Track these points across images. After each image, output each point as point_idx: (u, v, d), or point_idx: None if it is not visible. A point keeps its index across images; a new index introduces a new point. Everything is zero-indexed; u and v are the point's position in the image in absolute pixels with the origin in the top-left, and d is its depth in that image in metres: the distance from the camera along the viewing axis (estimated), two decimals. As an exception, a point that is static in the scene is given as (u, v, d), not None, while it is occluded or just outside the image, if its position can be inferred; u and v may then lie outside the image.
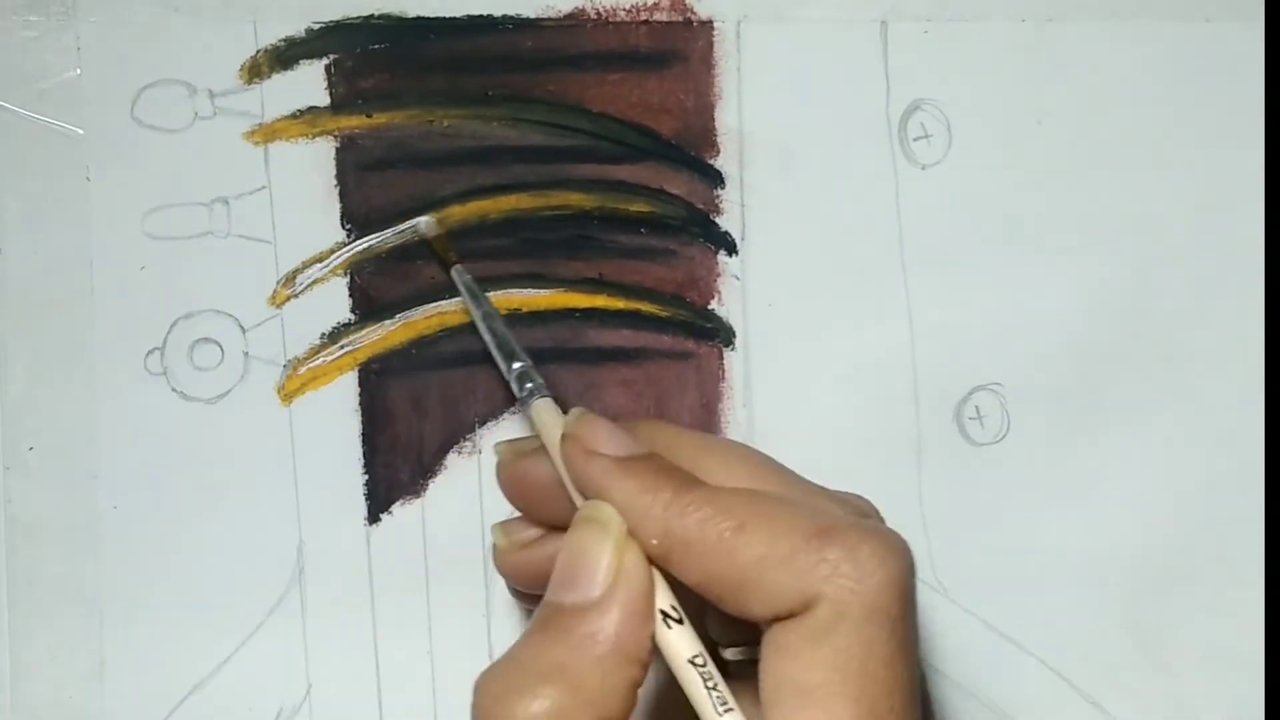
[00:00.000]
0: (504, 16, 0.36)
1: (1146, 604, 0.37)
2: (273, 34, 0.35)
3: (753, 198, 0.36)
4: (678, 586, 0.27)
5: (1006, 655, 0.37)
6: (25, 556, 0.35)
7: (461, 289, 0.34)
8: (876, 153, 0.37)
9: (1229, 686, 0.38)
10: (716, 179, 0.36)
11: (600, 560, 0.26)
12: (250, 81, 0.35)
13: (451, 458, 0.36)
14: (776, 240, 0.36)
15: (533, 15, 0.36)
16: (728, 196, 0.36)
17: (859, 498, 0.30)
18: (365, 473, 0.35)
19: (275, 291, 0.35)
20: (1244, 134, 0.37)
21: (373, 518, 0.36)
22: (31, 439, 0.35)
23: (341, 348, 0.36)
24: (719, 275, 0.36)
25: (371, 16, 0.35)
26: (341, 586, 0.35)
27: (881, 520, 0.30)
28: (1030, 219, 0.37)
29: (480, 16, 0.36)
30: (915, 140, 0.37)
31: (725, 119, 0.36)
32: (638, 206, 0.36)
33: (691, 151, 0.36)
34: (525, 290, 0.36)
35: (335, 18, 0.35)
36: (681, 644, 0.26)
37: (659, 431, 0.29)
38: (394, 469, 0.36)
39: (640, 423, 0.30)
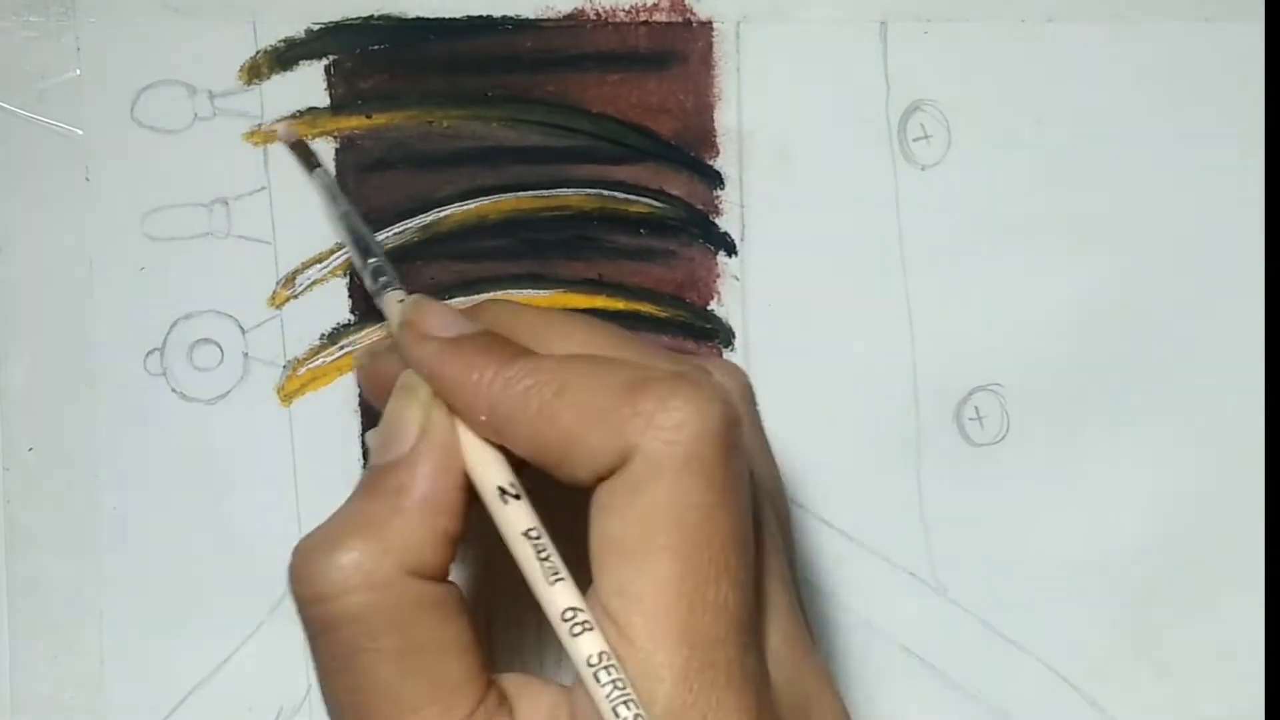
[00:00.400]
0: (504, 17, 0.36)
1: (1145, 605, 0.37)
2: (272, 35, 0.35)
3: (752, 198, 0.36)
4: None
5: (1005, 655, 0.37)
6: (25, 557, 0.35)
7: (320, 191, 0.33)
8: (876, 153, 0.37)
9: (1227, 687, 0.38)
10: (716, 180, 0.36)
11: (406, 418, 0.26)
12: (250, 82, 0.35)
13: (451, 458, 0.36)
14: (776, 241, 0.36)
15: (532, 16, 0.36)
16: (727, 197, 0.36)
17: (724, 361, 0.30)
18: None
19: (275, 292, 0.35)
20: (1243, 135, 0.37)
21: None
22: (31, 440, 0.35)
23: (341, 348, 0.36)
24: (718, 276, 0.36)
25: (371, 17, 0.35)
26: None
27: (744, 383, 0.29)
28: (1030, 220, 0.37)
29: (480, 17, 0.36)
30: (915, 141, 0.37)
31: (725, 119, 0.36)
32: (637, 207, 0.36)
33: (691, 152, 0.36)
34: (525, 291, 0.36)
35: (335, 18, 0.35)
36: (517, 518, 0.25)
37: (500, 310, 0.29)
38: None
39: (484, 303, 0.30)
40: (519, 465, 0.26)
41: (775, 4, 0.36)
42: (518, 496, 0.26)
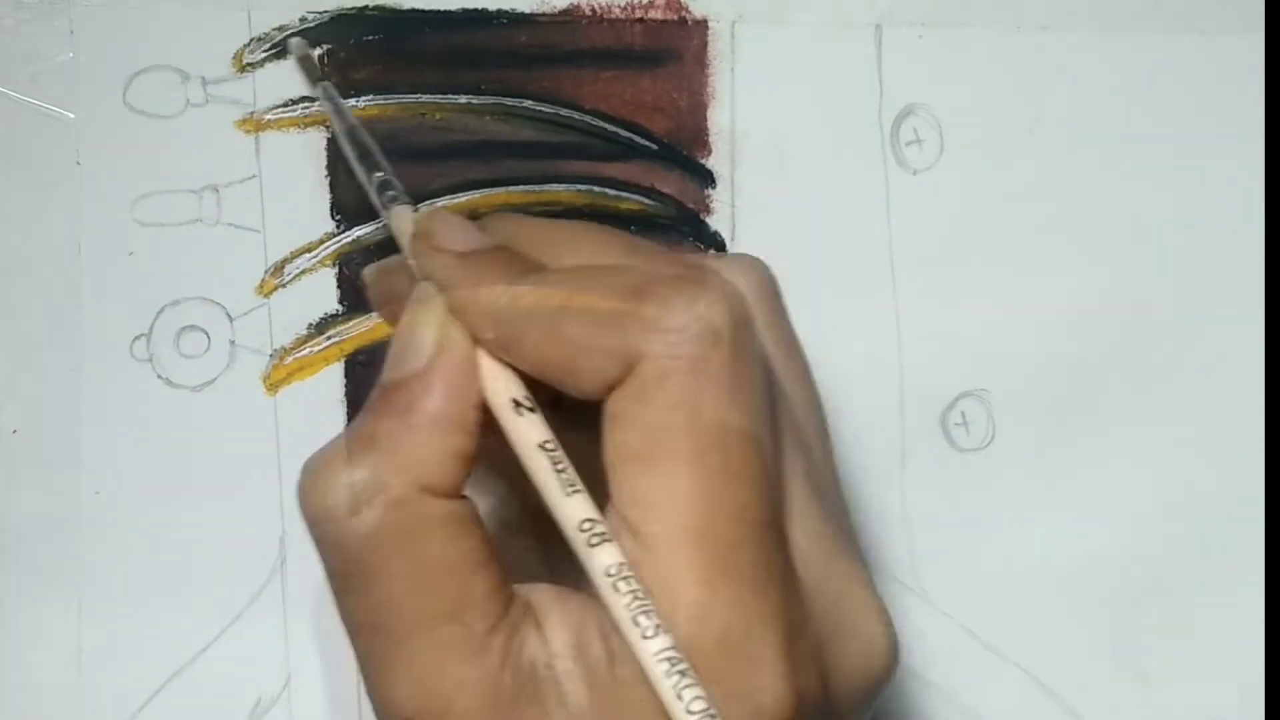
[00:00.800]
0: (499, 11, 0.36)
1: (1128, 614, 0.37)
2: (266, 22, 0.35)
3: (743, 198, 0.36)
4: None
5: (986, 662, 0.37)
6: (5, 540, 0.35)
7: (326, 104, 0.33)
8: (868, 156, 0.37)
9: (1209, 698, 0.38)
10: (708, 179, 0.36)
11: (423, 334, 0.25)
12: (243, 70, 0.35)
13: (436, 451, 0.36)
14: (766, 241, 0.36)
15: (528, 11, 0.36)
16: (718, 196, 0.36)
17: (744, 257, 0.29)
18: (349, 464, 0.35)
19: (263, 281, 0.35)
20: (1237, 146, 0.37)
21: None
22: (15, 422, 0.35)
23: (328, 338, 0.36)
24: (708, 275, 0.36)
25: (366, 8, 0.35)
26: (323, 578, 0.35)
27: (767, 280, 0.28)
28: (1021, 226, 0.37)
29: (475, 10, 0.36)
30: (907, 145, 0.37)
31: (718, 119, 0.36)
32: (628, 205, 0.36)
33: (683, 151, 0.36)
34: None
35: (330, 8, 0.35)
36: (531, 431, 0.25)
37: (511, 222, 0.29)
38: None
39: (494, 216, 0.29)
40: (530, 384, 0.25)
41: (771, 5, 0.36)
42: (532, 409, 0.25)
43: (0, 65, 0.35)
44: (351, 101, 0.35)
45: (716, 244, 0.36)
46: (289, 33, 0.35)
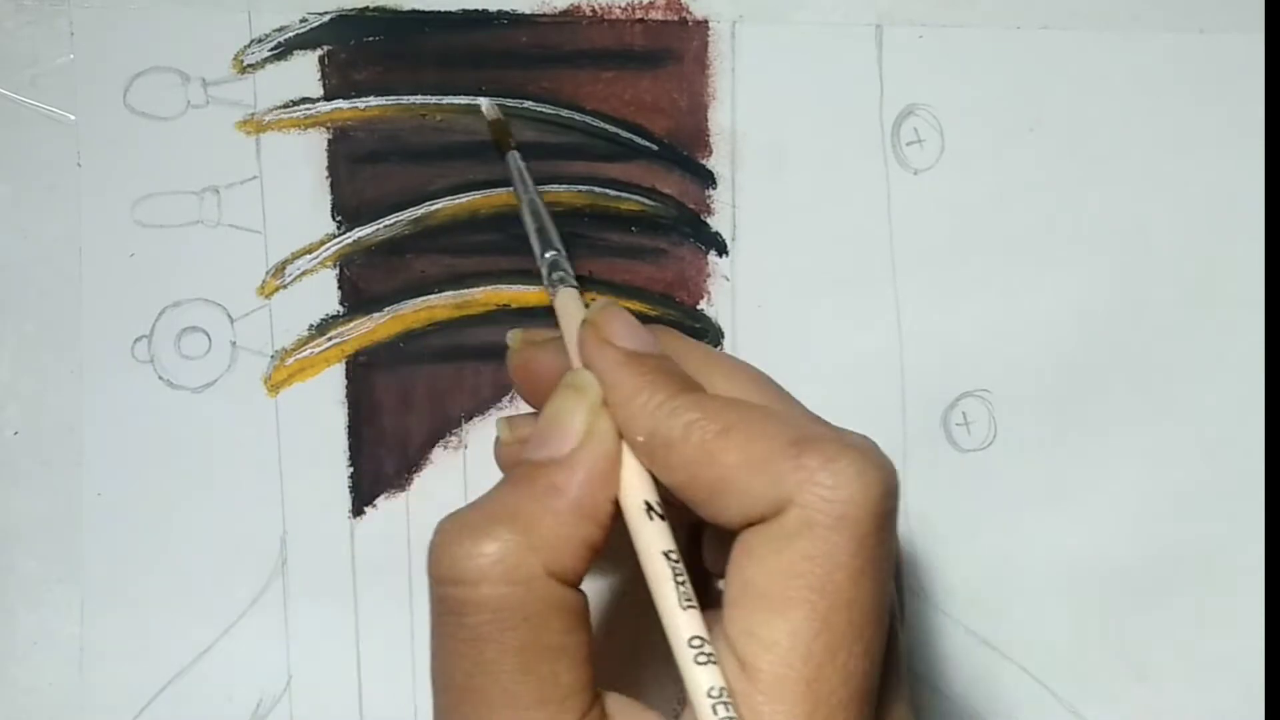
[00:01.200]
0: (499, 12, 0.36)
1: (1128, 613, 0.37)
2: (267, 24, 0.35)
3: (744, 199, 0.36)
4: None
5: (987, 661, 0.37)
6: (8, 541, 0.35)
7: (513, 173, 0.34)
8: (869, 156, 0.37)
9: (1209, 697, 0.38)
10: (708, 179, 0.36)
11: (573, 421, 0.26)
12: (243, 71, 0.35)
13: (437, 452, 0.36)
14: (767, 242, 0.36)
15: (528, 11, 0.36)
16: (719, 197, 0.36)
17: (855, 434, 0.30)
18: (350, 465, 0.35)
19: (264, 282, 0.35)
20: (1236, 145, 0.37)
21: (357, 510, 0.36)
22: (16, 424, 0.35)
23: (329, 339, 0.36)
24: (709, 276, 0.36)
25: (367, 9, 0.35)
26: (324, 578, 0.36)
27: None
28: (1022, 226, 0.37)
29: (475, 11, 0.35)
30: (908, 145, 0.37)
31: (719, 119, 0.36)
32: (628, 205, 0.36)
33: (684, 151, 0.36)
34: (514, 286, 0.36)
35: (330, 9, 0.35)
36: (658, 537, 0.26)
37: (674, 338, 0.30)
38: (379, 462, 0.35)
39: (659, 326, 0.30)
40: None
41: (771, 5, 0.36)
42: (662, 516, 0.26)
43: (1, 67, 0.35)
44: (353, 103, 0.35)
45: (717, 244, 0.36)
46: (482, 99, 0.35)
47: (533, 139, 0.36)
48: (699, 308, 0.36)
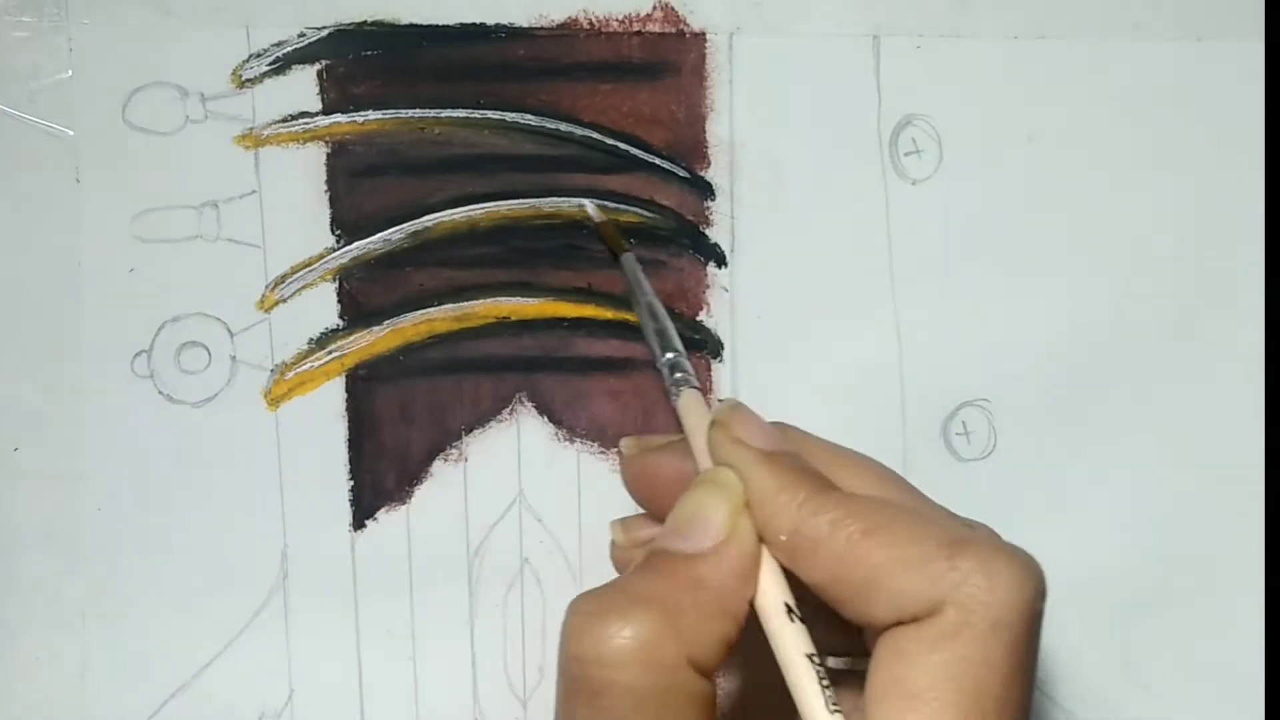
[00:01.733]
0: (497, 25, 0.36)
1: (1131, 622, 0.37)
2: (265, 39, 0.35)
3: (743, 210, 0.36)
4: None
5: (988, 671, 0.37)
6: (9, 557, 0.35)
7: (628, 276, 0.34)
8: (867, 167, 0.37)
9: (1212, 706, 0.38)
10: (707, 190, 0.36)
11: (716, 516, 0.27)
12: (242, 86, 0.35)
13: (437, 465, 0.36)
14: (766, 253, 0.36)
15: (525, 24, 0.36)
16: (718, 208, 0.36)
17: (984, 525, 0.30)
18: (351, 479, 0.36)
19: (264, 296, 0.35)
20: (1236, 154, 0.37)
21: (358, 524, 0.36)
22: (17, 439, 0.35)
23: (329, 353, 0.36)
24: (708, 287, 0.36)
25: (364, 23, 0.35)
26: (325, 592, 0.36)
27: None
28: (1020, 236, 0.37)
29: (473, 25, 0.36)
30: (906, 155, 0.37)
31: (716, 131, 0.36)
32: (628, 217, 0.36)
33: (682, 163, 0.36)
34: (514, 299, 0.36)
35: (328, 24, 0.35)
36: (800, 639, 0.26)
37: (799, 435, 0.30)
38: (380, 475, 0.36)
39: (782, 424, 0.30)
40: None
41: (768, 16, 0.36)
42: (802, 619, 0.26)
43: (0, 83, 0.35)
44: (351, 117, 0.35)
45: (716, 255, 0.36)
46: (586, 201, 0.35)
47: (531, 151, 0.36)
48: (699, 319, 0.36)
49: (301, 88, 0.35)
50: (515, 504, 0.36)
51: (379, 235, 0.36)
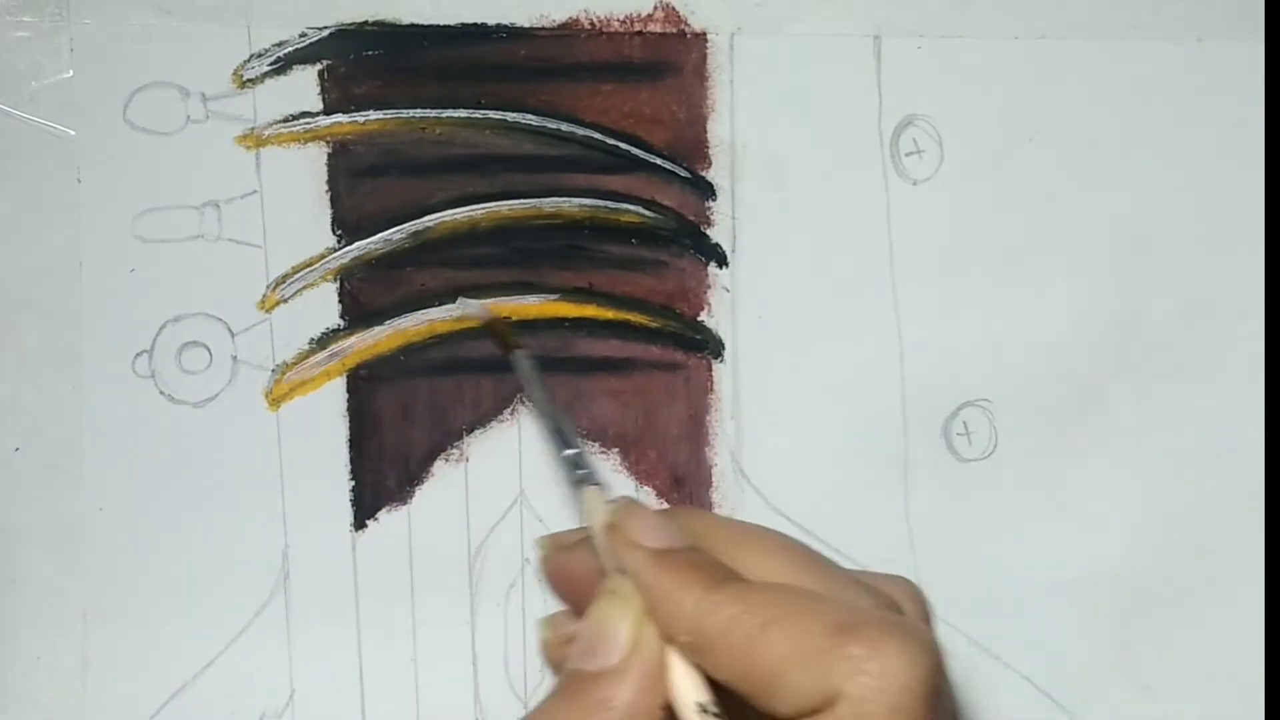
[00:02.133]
0: (498, 25, 0.36)
1: (1132, 623, 0.37)
2: (266, 38, 0.35)
3: (744, 210, 0.36)
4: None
5: (991, 671, 0.37)
6: (10, 556, 0.35)
7: (520, 373, 0.34)
8: (868, 167, 0.37)
9: (1213, 707, 0.38)
10: (708, 191, 0.36)
11: (619, 630, 0.27)
12: (243, 86, 0.35)
13: (439, 465, 0.36)
14: (767, 253, 0.37)
15: (526, 25, 0.36)
16: (719, 208, 0.36)
17: (901, 580, 0.30)
18: (352, 479, 0.36)
19: (265, 296, 0.35)
20: (1235, 154, 0.38)
21: (359, 524, 0.36)
22: (18, 439, 0.35)
23: (330, 353, 0.36)
24: (709, 287, 0.36)
25: (365, 23, 0.35)
26: (326, 593, 0.36)
27: (923, 602, 0.30)
28: (1021, 236, 0.37)
29: (474, 25, 0.36)
30: (907, 155, 0.37)
31: (718, 131, 0.36)
32: (629, 217, 0.36)
33: (683, 163, 0.36)
34: (515, 299, 0.36)
35: (329, 24, 0.35)
36: None
37: (697, 519, 0.30)
38: (381, 476, 0.36)
39: (680, 510, 0.30)
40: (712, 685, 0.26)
41: (770, 17, 0.36)
42: (718, 714, 0.26)
43: (1, 83, 0.35)
44: (353, 117, 0.35)
45: (717, 256, 0.36)
46: (470, 302, 0.35)
47: (532, 151, 0.36)
48: (700, 319, 0.36)
49: (303, 88, 0.35)
50: (516, 504, 0.36)
51: (380, 235, 0.36)
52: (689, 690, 0.26)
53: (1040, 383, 0.37)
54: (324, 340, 0.36)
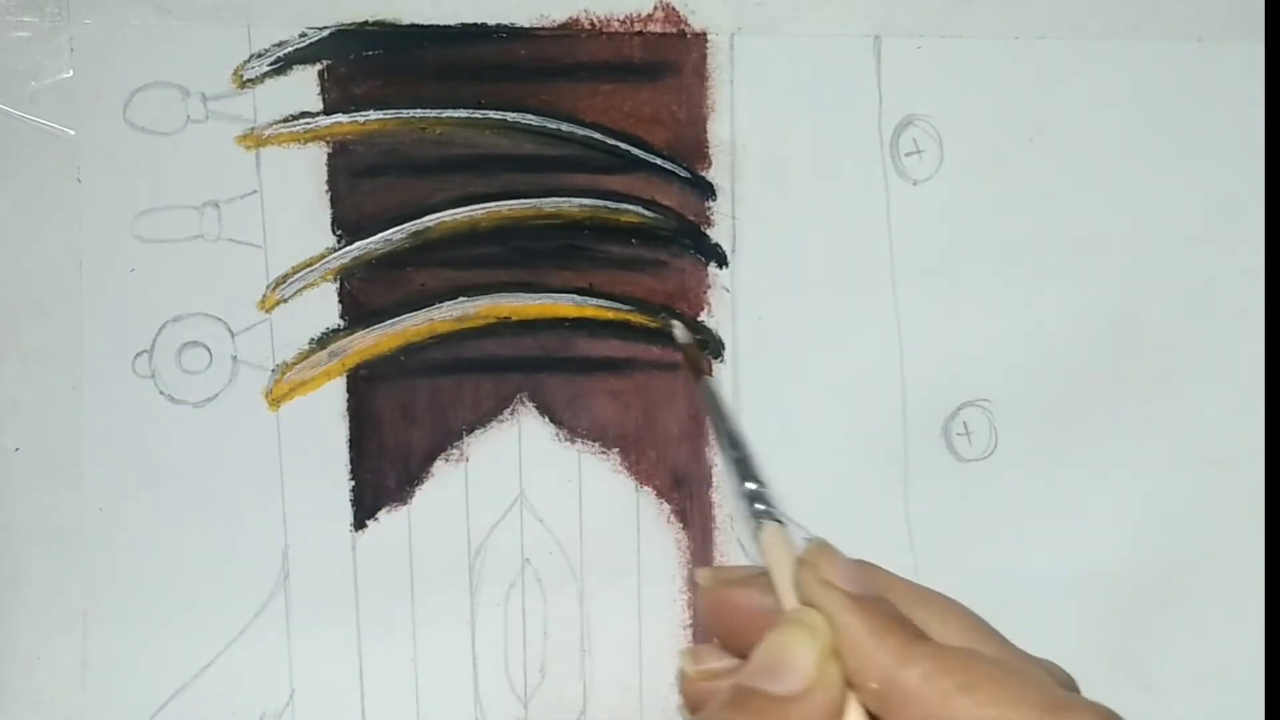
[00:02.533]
0: (498, 25, 0.36)
1: (1132, 622, 0.38)
2: (266, 39, 0.35)
3: (744, 210, 0.37)
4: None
5: (990, 671, 0.37)
6: (10, 557, 0.35)
7: (709, 401, 0.34)
8: (868, 167, 0.37)
9: (1214, 706, 0.38)
10: (708, 191, 0.37)
11: (807, 658, 0.27)
12: (243, 86, 0.35)
13: (439, 465, 0.36)
14: (767, 253, 0.37)
15: (526, 25, 0.36)
16: (719, 208, 0.37)
17: (1055, 665, 0.30)
18: (352, 479, 0.36)
19: (265, 296, 0.36)
20: (1235, 153, 0.38)
21: (359, 524, 0.36)
22: (18, 439, 0.35)
23: (330, 354, 0.36)
24: (709, 287, 0.37)
25: (366, 23, 0.35)
26: (326, 592, 0.36)
27: (1075, 684, 0.30)
28: (1021, 236, 0.37)
29: (474, 25, 0.36)
30: (907, 155, 0.37)
31: (718, 131, 0.36)
32: (629, 217, 0.36)
33: (683, 163, 0.36)
34: (515, 299, 0.36)
35: (329, 24, 0.35)
36: None
37: (878, 575, 0.30)
38: (381, 476, 0.36)
39: (864, 562, 0.30)
40: None
41: (770, 17, 0.36)
42: None
43: (1, 83, 0.35)
44: (353, 117, 0.35)
45: (717, 256, 0.37)
46: (675, 323, 0.36)
47: (532, 151, 0.36)
48: (700, 319, 0.37)
49: (303, 88, 0.35)
50: (516, 504, 0.36)
51: (380, 235, 0.36)
52: None
53: (1040, 383, 0.37)
54: (324, 340, 0.36)
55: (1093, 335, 0.37)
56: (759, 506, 0.31)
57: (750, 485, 0.32)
